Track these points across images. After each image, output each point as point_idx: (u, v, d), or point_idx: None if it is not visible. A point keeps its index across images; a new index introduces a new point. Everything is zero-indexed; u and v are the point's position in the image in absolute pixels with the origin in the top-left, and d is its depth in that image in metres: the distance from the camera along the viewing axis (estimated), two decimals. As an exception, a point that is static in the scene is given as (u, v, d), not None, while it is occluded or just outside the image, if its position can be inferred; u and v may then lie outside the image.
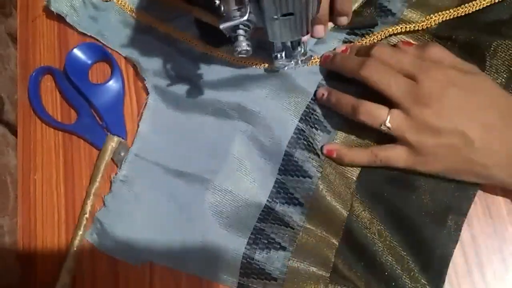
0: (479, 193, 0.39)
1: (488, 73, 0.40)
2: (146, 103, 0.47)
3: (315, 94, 0.43)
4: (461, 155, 0.36)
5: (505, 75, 0.40)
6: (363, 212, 0.40)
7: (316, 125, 0.42)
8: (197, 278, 0.42)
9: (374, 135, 0.40)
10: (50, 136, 0.48)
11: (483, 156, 0.35)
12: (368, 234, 0.39)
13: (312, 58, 0.44)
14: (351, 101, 0.39)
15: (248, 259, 0.40)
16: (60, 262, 0.44)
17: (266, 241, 0.41)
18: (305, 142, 0.41)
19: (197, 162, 0.44)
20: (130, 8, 0.49)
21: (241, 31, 0.34)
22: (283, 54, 0.41)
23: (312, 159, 0.41)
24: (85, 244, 0.44)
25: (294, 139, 0.41)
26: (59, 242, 0.45)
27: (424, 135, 0.36)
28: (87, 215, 0.44)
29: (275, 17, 0.34)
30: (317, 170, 0.41)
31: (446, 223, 0.38)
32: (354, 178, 0.41)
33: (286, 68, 0.43)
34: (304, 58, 0.43)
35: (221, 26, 0.33)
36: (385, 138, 0.38)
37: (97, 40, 0.49)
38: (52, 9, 0.49)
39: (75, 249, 0.43)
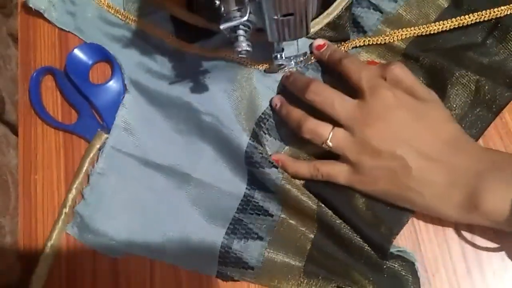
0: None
1: (446, 101, 0.40)
2: (123, 96, 0.47)
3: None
4: (398, 180, 0.36)
5: (462, 108, 0.40)
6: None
7: (269, 132, 0.43)
8: (197, 276, 0.42)
9: (321, 149, 0.40)
10: (50, 136, 0.48)
11: (420, 184, 0.35)
12: (337, 221, 0.39)
13: (312, 58, 0.44)
14: (298, 116, 0.40)
15: (226, 249, 0.41)
16: (60, 263, 0.44)
17: (244, 231, 0.42)
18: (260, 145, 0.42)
19: (174, 155, 0.45)
20: (107, 4, 0.50)
21: (241, 32, 0.34)
22: (283, 55, 0.41)
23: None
24: (85, 247, 0.44)
25: (252, 140, 0.41)
26: (60, 243, 0.45)
27: (364, 156, 0.36)
28: (66, 210, 0.45)
29: (275, 17, 0.34)
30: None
31: (380, 230, 0.39)
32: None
33: (285, 68, 0.44)
34: (303, 58, 0.43)
35: (222, 27, 0.33)
36: (332, 153, 0.39)
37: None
38: (30, 5, 0.50)
39: (52, 242, 0.44)
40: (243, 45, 0.34)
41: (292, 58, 0.43)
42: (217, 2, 0.34)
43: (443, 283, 0.38)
